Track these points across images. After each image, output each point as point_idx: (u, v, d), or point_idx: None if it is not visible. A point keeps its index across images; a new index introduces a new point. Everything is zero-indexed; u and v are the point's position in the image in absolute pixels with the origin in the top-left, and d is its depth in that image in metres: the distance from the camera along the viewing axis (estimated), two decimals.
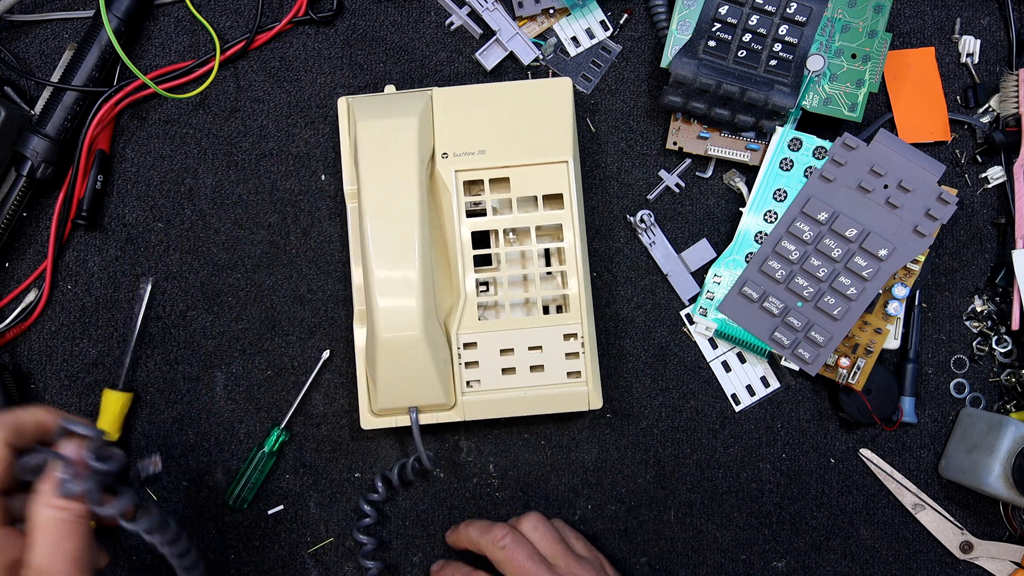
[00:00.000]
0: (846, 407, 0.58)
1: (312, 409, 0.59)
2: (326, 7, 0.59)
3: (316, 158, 0.60)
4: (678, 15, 0.57)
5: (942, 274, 0.60)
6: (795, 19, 0.54)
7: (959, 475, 0.58)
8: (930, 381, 0.60)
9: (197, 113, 0.60)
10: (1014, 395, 0.59)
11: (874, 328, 0.57)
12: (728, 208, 0.60)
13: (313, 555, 0.59)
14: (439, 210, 0.56)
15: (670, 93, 0.56)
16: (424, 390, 0.54)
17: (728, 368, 0.60)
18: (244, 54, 0.59)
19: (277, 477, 0.59)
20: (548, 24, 0.59)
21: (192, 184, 0.59)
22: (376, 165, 0.53)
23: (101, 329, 0.59)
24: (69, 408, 0.59)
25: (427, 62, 0.60)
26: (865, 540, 0.60)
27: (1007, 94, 0.59)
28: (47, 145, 0.56)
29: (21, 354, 0.59)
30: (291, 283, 0.59)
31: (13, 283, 0.59)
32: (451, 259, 0.55)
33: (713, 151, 0.58)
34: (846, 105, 0.57)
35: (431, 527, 0.59)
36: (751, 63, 0.55)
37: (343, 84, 0.60)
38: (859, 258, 0.55)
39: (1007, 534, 0.60)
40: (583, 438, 0.60)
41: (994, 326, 0.60)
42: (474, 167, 0.55)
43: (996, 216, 0.60)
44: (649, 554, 0.60)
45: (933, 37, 0.60)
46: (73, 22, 0.60)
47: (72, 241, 0.59)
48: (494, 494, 0.60)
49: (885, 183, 0.55)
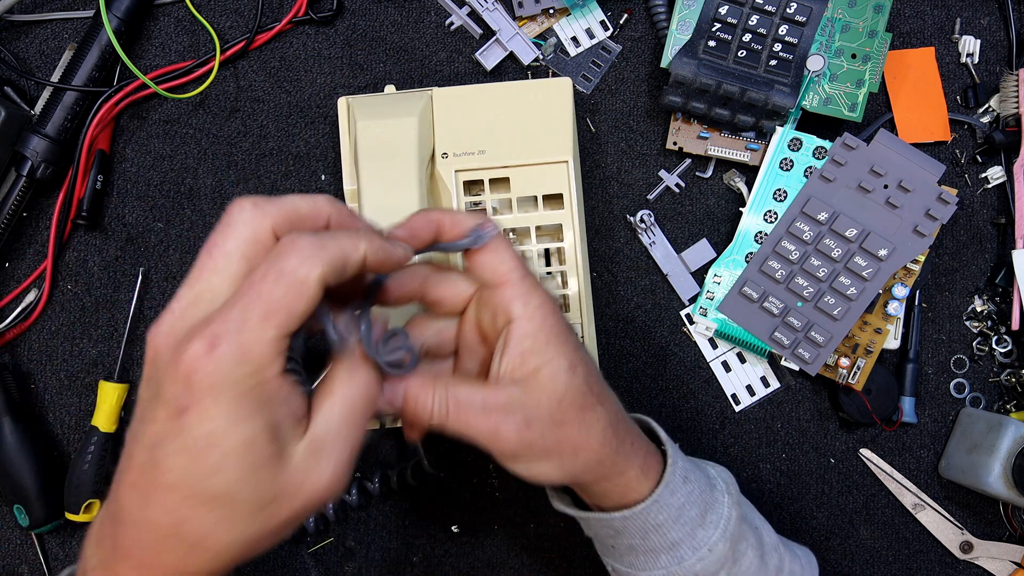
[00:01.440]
0: (846, 407, 0.58)
1: None
2: (326, 7, 0.59)
3: (316, 158, 0.60)
4: (678, 15, 0.57)
5: (942, 274, 0.60)
6: (795, 19, 0.54)
7: (959, 475, 0.58)
8: (930, 381, 0.60)
9: (197, 113, 0.60)
10: (1014, 395, 0.59)
11: (874, 328, 0.57)
12: (728, 208, 0.60)
13: (313, 555, 0.59)
14: None
15: (670, 93, 0.56)
16: None
17: (728, 368, 0.60)
18: (244, 54, 0.59)
19: None
20: (548, 24, 0.59)
21: (192, 184, 0.59)
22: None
23: (101, 329, 0.59)
24: (68, 408, 0.59)
25: (427, 62, 0.60)
26: (865, 540, 0.60)
27: (1007, 94, 0.59)
28: (47, 145, 0.56)
29: (21, 354, 0.59)
30: None
31: (13, 283, 0.59)
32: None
33: (713, 151, 0.58)
34: (846, 105, 0.57)
35: (431, 527, 0.59)
36: (751, 63, 0.55)
37: (343, 84, 0.60)
38: (859, 258, 0.55)
39: (1007, 534, 0.60)
40: None
41: (994, 326, 0.60)
42: (474, 167, 0.55)
43: (996, 216, 0.60)
44: None
45: (933, 37, 0.60)
46: (73, 22, 0.60)
47: (72, 241, 0.59)
48: (494, 494, 0.60)
49: (885, 183, 0.55)
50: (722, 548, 0.44)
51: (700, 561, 0.43)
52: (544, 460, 0.39)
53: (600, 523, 0.44)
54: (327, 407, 0.34)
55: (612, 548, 0.46)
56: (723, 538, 0.44)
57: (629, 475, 0.42)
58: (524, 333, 0.38)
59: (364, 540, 0.59)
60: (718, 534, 0.44)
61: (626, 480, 0.42)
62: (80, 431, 0.59)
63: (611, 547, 0.46)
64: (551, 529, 0.60)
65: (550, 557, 0.60)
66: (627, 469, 0.42)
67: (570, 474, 0.40)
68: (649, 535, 0.43)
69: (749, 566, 0.46)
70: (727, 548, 0.44)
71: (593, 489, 0.42)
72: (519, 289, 0.38)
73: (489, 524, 0.60)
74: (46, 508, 0.57)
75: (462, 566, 0.60)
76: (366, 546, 0.59)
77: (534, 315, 0.38)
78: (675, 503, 0.43)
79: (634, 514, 0.42)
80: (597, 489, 0.42)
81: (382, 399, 0.37)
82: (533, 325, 0.38)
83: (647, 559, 0.44)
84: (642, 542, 0.43)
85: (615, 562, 0.46)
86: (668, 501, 0.43)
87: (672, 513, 0.43)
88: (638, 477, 0.42)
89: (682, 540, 0.43)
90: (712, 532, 0.44)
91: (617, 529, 0.44)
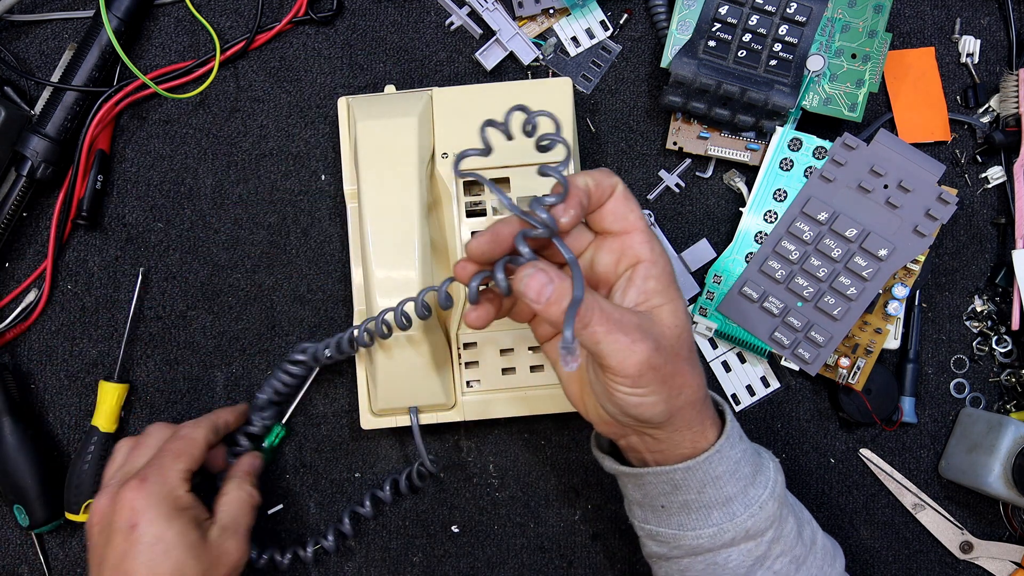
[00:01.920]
0: (846, 407, 0.58)
1: (312, 409, 0.59)
2: (326, 7, 0.59)
3: (316, 158, 0.60)
4: (678, 15, 0.57)
5: (942, 274, 0.60)
6: (795, 19, 0.54)
7: (959, 475, 0.58)
8: (930, 381, 0.60)
9: (197, 113, 0.60)
10: (1014, 395, 0.59)
11: (874, 328, 0.57)
12: (728, 208, 0.60)
13: (313, 555, 0.59)
14: (439, 210, 0.56)
15: (670, 93, 0.56)
16: (424, 390, 0.54)
17: (728, 368, 0.60)
18: (244, 54, 0.59)
19: (277, 477, 0.59)
20: (548, 24, 0.59)
21: (192, 184, 0.59)
22: (376, 165, 0.53)
23: (101, 329, 0.59)
24: (68, 408, 0.59)
25: (427, 62, 0.60)
26: (865, 540, 0.60)
27: (1007, 94, 0.59)
28: (47, 145, 0.56)
29: (21, 354, 0.59)
30: (291, 283, 0.59)
31: (13, 283, 0.59)
32: (451, 259, 0.55)
33: (713, 151, 0.58)
34: (846, 105, 0.57)
35: (431, 527, 0.59)
36: (751, 63, 0.55)
37: (343, 84, 0.60)
38: (859, 258, 0.55)
39: (1007, 534, 0.60)
40: (583, 438, 0.60)
41: (994, 326, 0.60)
42: (474, 167, 0.55)
43: (996, 216, 0.60)
44: None
45: (933, 37, 0.60)
46: (73, 22, 0.60)
47: (72, 241, 0.59)
48: (494, 494, 0.60)
49: (885, 183, 0.55)
50: (772, 507, 0.46)
51: (751, 518, 0.45)
52: (658, 390, 0.41)
53: (658, 478, 0.46)
54: (225, 504, 0.51)
55: (662, 509, 0.47)
56: (772, 497, 0.46)
57: (704, 425, 0.45)
58: (650, 274, 0.43)
59: (364, 540, 0.59)
60: (767, 493, 0.46)
61: (701, 430, 0.45)
62: (80, 431, 0.59)
63: (660, 507, 0.47)
64: (551, 529, 0.60)
65: (550, 557, 0.60)
66: (705, 419, 0.45)
67: (671, 411, 0.42)
68: (706, 488, 0.45)
69: (790, 531, 0.47)
70: (776, 508, 0.46)
71: (672, 437, 0.44)
72: (646, 236, 0.43)
73: (489, 524, 0.60)
74: (46, 508, 0.57)
75: (462, 566, 0.60)
76: (366, 546, 0.59)
77: (658, 259, 0.43)
78: (733, 456, 0.45)
79: (697, 464, 0.44)
80: (675, 437, 0.44)
81: (530, 298, 0.39)
82: (658, 268, 0.43)
83: (699, 516, 0.46)
84: (697, 496, 0.45)
85: (659, 526, 0.47)
86: (728, 454, 0.45)
87: (730, 466, 0.45)
88: (705, 430, 0.45)
89: (735, 496, 0.45)
90: (762, 491, 0.46)
91: (676, 483, 0.45)
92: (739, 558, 0.46)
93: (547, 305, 0.39)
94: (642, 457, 0.47)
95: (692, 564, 0.47)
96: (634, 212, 0.43)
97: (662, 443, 0.45)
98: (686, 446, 0.45)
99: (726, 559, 0.46)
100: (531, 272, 0.39)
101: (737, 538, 0.45)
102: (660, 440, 0.45)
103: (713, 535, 0.45)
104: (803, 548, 0.48)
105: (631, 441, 0.46)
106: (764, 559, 0.46)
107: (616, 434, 0.47)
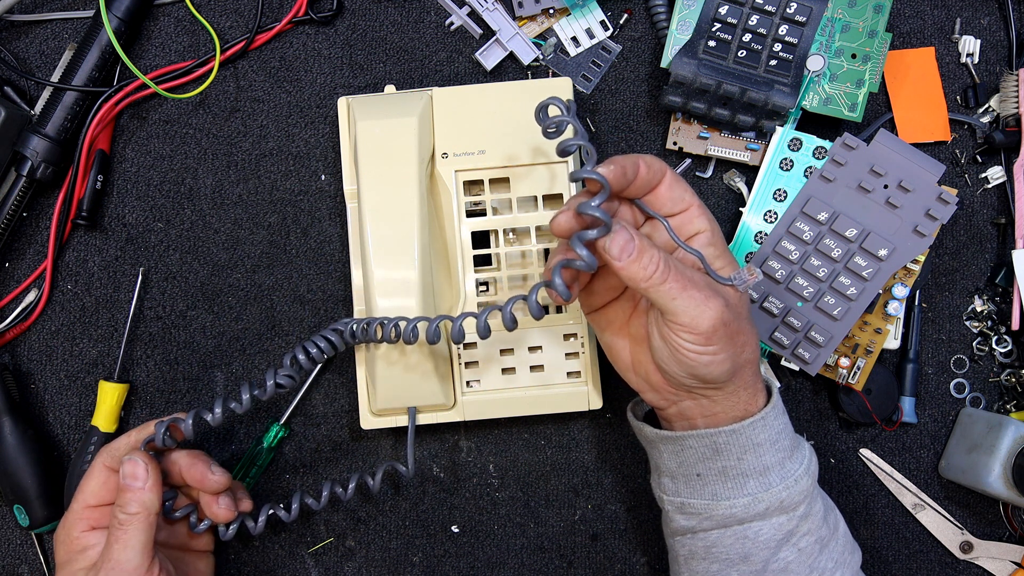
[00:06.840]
0: (846, 407, 0.58)
1: (312, 409, 0.59)
2: (326, 7, 0.59)
3: (316, 158, 0.60)
4: (678, 15, 0.57)
5: (942, 274, 0.60)
6: (795, 19, 0.54)
7: (959, 475, 0.58)
8: (930, 381, 0.60)
9: (197, 113, 0.60)
10: (1014, 395, 0.59)
11: (874, 328, 0.57)
12: (728, 208, 0.60)
13: (313, 555, 0.59)
14: (439, 210, 0.56)
15: (670, 93, 0.56)
16: (424, 390, 0.54)
17: None
18: (244, 54, 0.59)
19: (277, 477, 0.59)
20: (548, 24, 0.59)
21: (192, 184, 0.59)
22: (376, 165, 0.53)
23: (101, 329, 0.59)
24: (68, 408, 0.59)
25: (427, 62, 0.60)
26: (865, 540, 0.60)
27: (1007, 94, 0.59)
28: (47, 145, 0.56)
29: (21, 354, 0.59)
30: (291, 283, 0.59)
31: (13, 283, 0.59)
32: (451, 259, 0.55)
33: (713, 151, 0.58)
34: (846, 105, 0.57)
35: (431, 527, 0.59)
36: (751, 63, 0.55)
37: (343, 84, 0.60)
38: (859, 258, 0.55)
39: (1007, 534, 0.60)
40: (583, 438, 0.60)
41: (994, 326, 0.60)
42: (474, 167, 0.55)
43: (996, 216, 0.60)
44: (649, 554, 0.60)
45: (933, 37, 0.60)
46: (73, 22, 0.60)
47: (72, 241, 0.59)
48: (494, 494, 0.60)
49: (885, 183, 0.55)
50: (806, 482, 0.47)
51: (787, 490, 0.46)
52: (726, 347, 0.43)
53: (700, 441, 0.47)
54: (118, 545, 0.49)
55: (697, 478, 0.48)
56: (807, 473, 0.48)
57: (758, 387, 0.47)
58: (710, 241, 0.47)
59: (364, 540, 0.59)
60: (803, 469, 0.47)
61: (754, 392, 0.47)
62: (80, 431, 0.59)
63: (696, 476, 0.48)
64: (551, 529, 0.60)
65: (550, 557, 0.60)
66: (758, 381, 0.47)
67: (734, 369, 0.45)
68: (746, 455, 0.46)
69: (819, 511, 0.48)
70: (809, 484, 0.47)
71: (728, 399, 0.46)
72: (702, 209, 0.47)
73: (489, 524, 0.60)
74: (46, 508, 0.57)
75: (462, 566, 0.60)
76: (366, 546, 0.59)
77: (716, 229, 0.47)
78: (776, 427, 0.47)
79: (743, 427, 0.46)
80: (731, 399, 0.46)
81: (609, 254, 0.42)
82: (717, 236, 0.47)
83: (735, 485, 0.46)
84: (737, 463, 0.46)
85: (691, 497, 0.48)
86: (772, 423, 0.47)
87: (771, 435, 0.47)
88: (757, 394, 0.47)
89: (773, 466, 0.46)
90: (798, 466, 0.47)
91: (718, 447, 0.46)
92: (769, 532, 0.46)
93: (629, 263, 0.42)
94: (692, 423, 0.48)
95: (721, 537, 0.47)
96: (688, 191, 0.47)
97: (717, 404, 0.46)
98: (739, 408, 0.46)
99: (757, 532, 0.46)
100: (618, 229, 0.42)
101: (771, 509, 0.46)
102: (716, 401, 0.46)
103: (747, 504, 0.46)
104: (828, 530, 0.49)
105: (683, 407, 0.47)
106: (792, 535, 0.47)
107: (668, 400, 0.48)
